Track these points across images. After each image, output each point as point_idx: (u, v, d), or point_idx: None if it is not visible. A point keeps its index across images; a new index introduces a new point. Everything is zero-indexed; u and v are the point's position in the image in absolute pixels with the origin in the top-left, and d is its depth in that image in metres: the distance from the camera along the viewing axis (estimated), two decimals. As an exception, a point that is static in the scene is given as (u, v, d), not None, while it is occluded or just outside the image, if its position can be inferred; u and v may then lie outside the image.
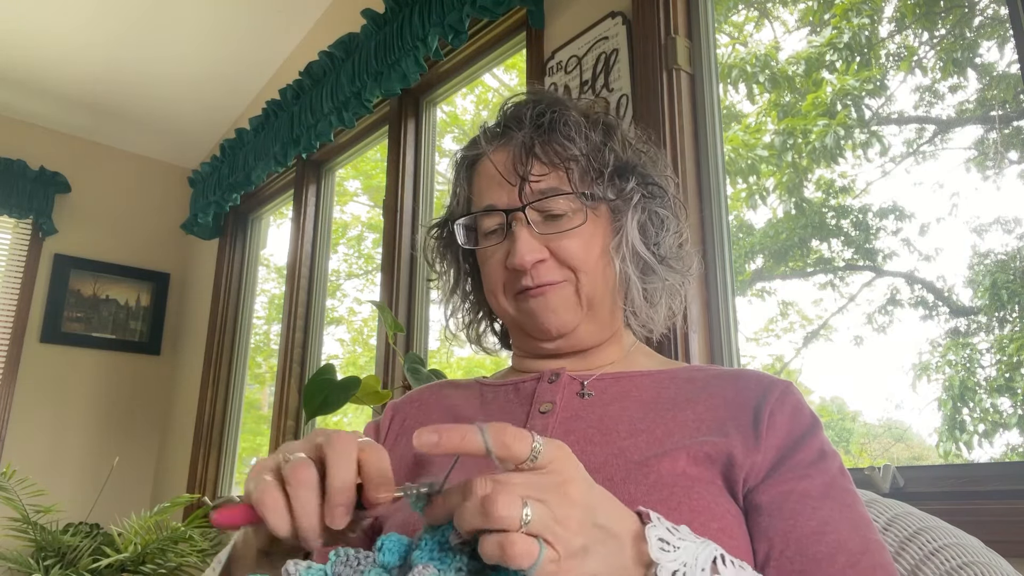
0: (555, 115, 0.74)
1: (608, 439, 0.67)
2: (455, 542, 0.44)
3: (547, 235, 0.72)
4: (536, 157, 0.72)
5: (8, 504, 2.59)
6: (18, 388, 3.34)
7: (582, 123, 0.74)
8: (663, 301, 0.79)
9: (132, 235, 3.78)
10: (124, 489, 3.46)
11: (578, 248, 0.72)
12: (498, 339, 0.88)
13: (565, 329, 0.74)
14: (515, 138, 0.74)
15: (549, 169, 0.72)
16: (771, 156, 1.90)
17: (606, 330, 0.77)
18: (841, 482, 0.64)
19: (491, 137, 0.77)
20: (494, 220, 0.74)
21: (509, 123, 0.76)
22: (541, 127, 0.74)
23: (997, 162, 1.63)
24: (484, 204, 0.75)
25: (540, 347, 0.77)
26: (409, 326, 2.20)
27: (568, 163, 0.72)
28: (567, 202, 0.72)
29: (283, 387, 2.71)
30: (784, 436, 0.66)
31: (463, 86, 2.37)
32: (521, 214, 0.72)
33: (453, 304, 0.85)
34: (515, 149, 0.73)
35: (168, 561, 2.55)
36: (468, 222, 0.77)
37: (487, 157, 0.76)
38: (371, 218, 4.93)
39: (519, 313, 0.75)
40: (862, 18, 1.88)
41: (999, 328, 1.65)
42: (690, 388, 0.72)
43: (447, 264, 0.85)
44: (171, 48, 3.05)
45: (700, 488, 0.61)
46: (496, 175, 0.74)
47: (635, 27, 1.54)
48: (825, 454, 0.65)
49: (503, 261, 0.74)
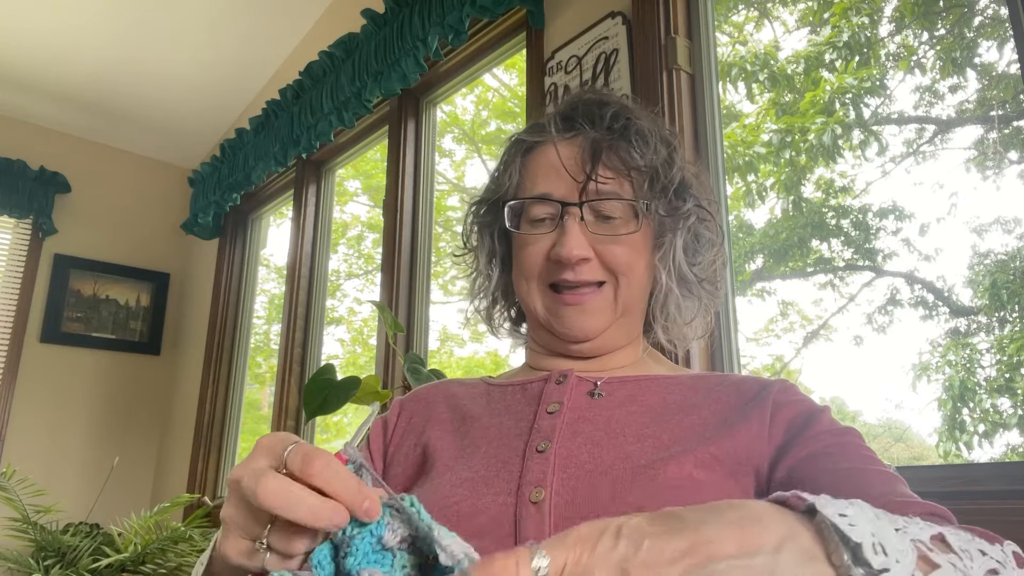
0: (629, 121, 0.75)
1: (615, 442, 0.67)
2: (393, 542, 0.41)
3: (597, 235, 0.73)
4: (604, 159, 0.73)
5: (8, 504, 2.59)
6: (18, 388, 3.34)
7: (653, 135, 0.76)
8: (698, 319, 0.81)
9: (132, 235, 3.78)
10: (124, 489, 3.46)
11: (624, 255, 0.73)
12: (511, 325, 0.88)
13: (593, 334, 0.75)
14: (586, 135, 0.75)
15: (613, 174, 0.73)
16: (769, 154, 1.90)
17: (629, 335, 0.79)
18: (857, 443, 0.64)
19: (560, 128, 0.77)
20: (546, 209, 0.75)
21: (582, 119, 0.77)
22: (614, 130, 0.75)
23: (997, 162, 1.63)
24: (539, 191, 0.75)
25: (562, 346, 0.78)
26: (409, 326, 2.20)
27: (632, 172, 0.73)
28: (622, 208, 0.73)
29: (283, 387, 2.71)
30: (791, 419, 0.67)
31: (463, 86, 2.37)
32: (577, 209, 0.73)
33: (478, 283, 0.86)
34: (585, 146, 0.74)
35: (168, 561, 2.55)
36: (518, 206, 0.77)
37: (553, 146, 0.76)
38: (371, 218, 4.93)
39: (547, 312, 0.76)
40: (861, 17, 1.88)
41: (999, 328, 1.65)
42: (695, 395, 0.73)
43: (482, 243, 0.85)
44: (171, 48, 3.05)
45: (707, 490, 0.61)
46: (559, 166, 0.75)
47: (635, 27, 1.54)
48: (836, 426, 0.66)
49: (546, 251, 0.74)
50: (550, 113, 0.80)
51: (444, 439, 0.74)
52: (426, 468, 0.73)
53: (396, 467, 0.76)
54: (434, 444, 0.74)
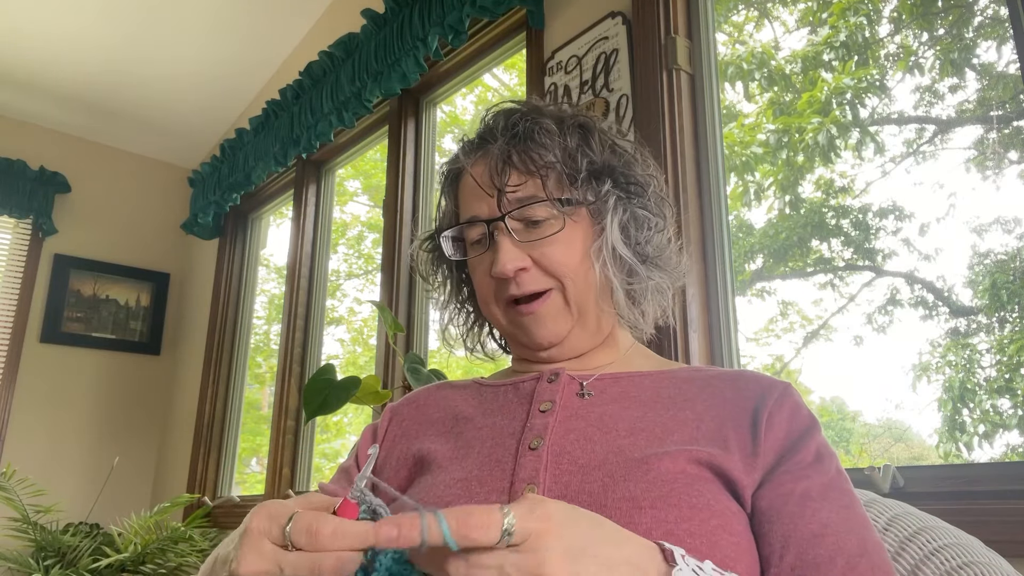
0: (528, 123, 0.75)
1: (608, 437, 0.67)
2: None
3: (529, 242, 0.73)
4: (512, 166, 0.73)
5: (8, 504, 2.60)
6: (18, 388, 3.34)
7: (555, 129, 0.75)
8: (650, 300, 0.79)
9: (132, 235, 3.78)
10: (124, 489, 3.46)
11: (559, 255, 0.73)
12: (498, 345, 0.89)
13: (556, 339, 0.75)
14: (491, 150, 0.75)
15: (526, 177, 0.73)
16: (766, 153, 1.90)
17: (598, 335, 0.78)
18: (839, 483, 0.65)
19: (469, 150, 0.79)
20: (477, 231, 0.75)
21: (485, 135, 0.78)
22: (516, 136, 0.74)
23: (997, 162, 1.63)
24: (467, 216, 0.76)
25: (534, 355, 0.79)
26: (409, 326, 2.20)
27: (543, 170, 0.73)
28: (545, 209, 0.73)
29: (283, 387, 2.71)
30: (783, 437, 0.66)
31: (463, 86, 2.37)
32: (501, 224, 0.73)
33: (450, 312, 0.86)
34: (492, 160, 0.74)
35: (168, 561, 2.55)
36: (454, 233, 0.79)
37: (467, 170, 0.77)
38: (371, 218, 4.93)
39: (511, 325, 0.76)
40: (859, 17, 1.88)
41: (999, 329, 1.65)
42: (689, 388, 0.73)
43: (442, 275, 0.86)
44: (171, 48, 3.05)
45: (700, 486, 0.62)
46: (476, 187, 0.75)
47: (635, 27, 1.54)
48: (823, 455, 0.66)
49: (489, 271, 0.75)
50: (461, 138, 0.81)
51: (438, 442, 0.74)
52: (420, 471, 0.73)
53: (387, 472, 0.76)
54: (428, 448, 0.74)
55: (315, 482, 2.64)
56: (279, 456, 2.62)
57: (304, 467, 2.63)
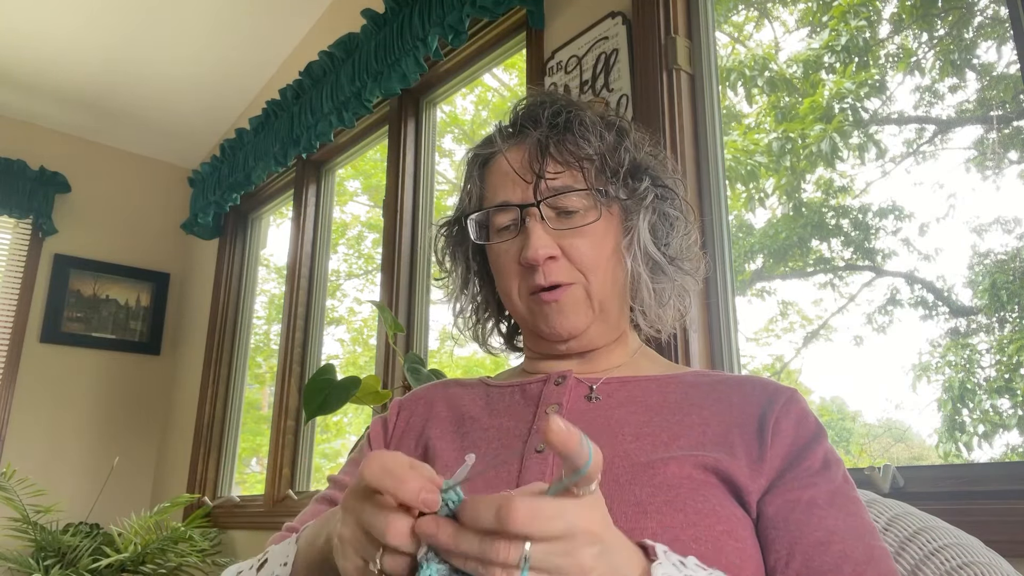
0: (571, 115, 0.75)
1: (614, 441, 0.67)
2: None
3: (560, 231, 0.73)
4: (551, 155, 0.74)
5: (8, 504, 2.60)
6: (18, 388, 3.34)
7: (597, 123, 0.76)
8: (672, 301, 0.80)
9: (132, 235, 3.78)
10: (124, 489, 3.46)
11: (589, 247, 0.73)
12: (504, 340, 0.88)
13: (576, 331, 0.75)
14: (530, 136, 0.75)
15: (564, 168, 0.74)
16: (769, 160, 1.91)
17: (614, 331, 0.78)
18: (846, 490, 0.64)
19: (506, 136, 0.79)
20: (508, 216, 0.75)
21: (524, 122, 0.78)
22: (556, 126, 0.75)
23: (996, 162, 1.63)
24: (498, 200, 0.76)
25: (551, 347, 0.78)
26: (409, 326, 2.20)
27: (583, 162, 0.74)
28: (580, 199, 0.73)
29: (283, 387, 2.71)
30: (789, 444, 0.66)
31: (463, 86, 2.37)
32: (535, 209, 0.73)
33: (461, 303, 0.86)
34: (531, 147, 0.75)
35: (168, 561, 2.55)
36: (481, 218, 0.78)
37: (502, 155, 0.77)
38: (371, 218, 4.94)
39: (531, 315, 0.76)
40: (859, 20, 1.88)
41: (999, 329, 1.65)
42: (695, 393, 0.73)
43: (456, 262, 0.86)
44: (171, 48, 3.05)
45: (706, 491, 0.61)
46: (511, 172, 0.75)
47: (635, 27, 1.54)
48: (830, 462, 0.66)
49: (516, 256, 0.74)
50: (496, 123, 0.82)
51: (444, 439, 0.74)
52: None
53: None
54: (434, 444, 0.74)
55: (315, 482, 2.64)
56: (279, 456, 2.61)
57: (304, 467, 2.63)
